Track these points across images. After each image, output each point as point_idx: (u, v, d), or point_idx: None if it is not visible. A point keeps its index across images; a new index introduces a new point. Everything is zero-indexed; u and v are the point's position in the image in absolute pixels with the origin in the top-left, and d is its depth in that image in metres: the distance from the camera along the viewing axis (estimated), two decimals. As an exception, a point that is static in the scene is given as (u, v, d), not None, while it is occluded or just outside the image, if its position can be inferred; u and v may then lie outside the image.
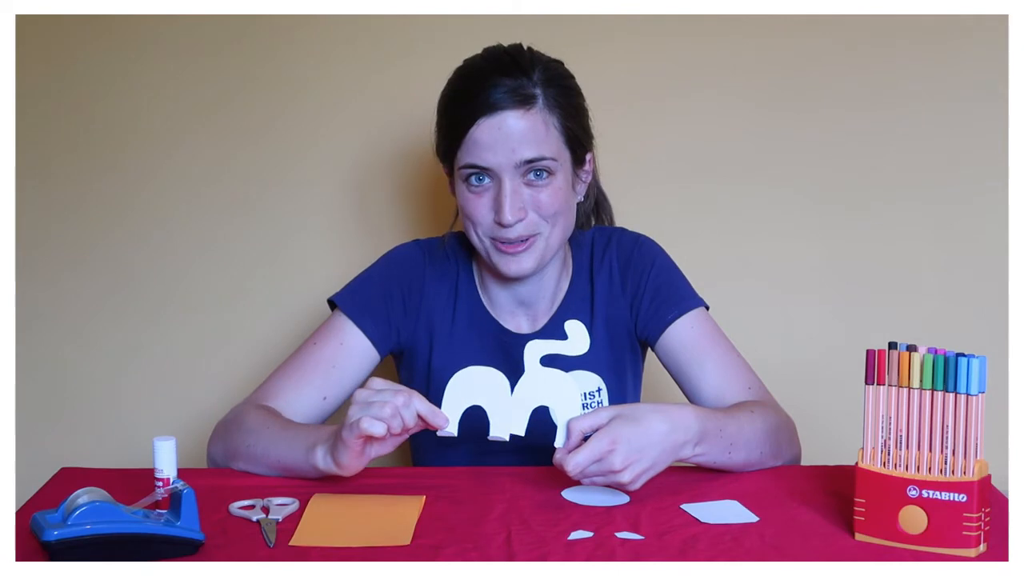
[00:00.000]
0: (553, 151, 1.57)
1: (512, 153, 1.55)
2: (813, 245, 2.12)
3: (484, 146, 1.55)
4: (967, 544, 1.22)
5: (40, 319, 2.15)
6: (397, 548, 1.26)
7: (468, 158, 1.56)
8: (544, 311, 1.69)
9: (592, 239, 1.73)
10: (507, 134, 1.54)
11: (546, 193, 1.57)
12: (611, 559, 1.23)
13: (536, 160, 1.55)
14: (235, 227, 2.15)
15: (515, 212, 1.56)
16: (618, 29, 2.05)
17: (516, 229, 1.57)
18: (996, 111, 2.00)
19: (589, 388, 1.66)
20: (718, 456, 1.47)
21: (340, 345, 1.64)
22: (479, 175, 1.57)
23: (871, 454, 1.28)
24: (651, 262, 1.70)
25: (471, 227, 1.61)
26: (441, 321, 1.68)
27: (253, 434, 1.53)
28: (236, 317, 2.16)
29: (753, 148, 2.11)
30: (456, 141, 1.57)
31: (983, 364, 1.22)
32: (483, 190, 1.58)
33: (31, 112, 2.09)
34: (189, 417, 2.15)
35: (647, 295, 1.68)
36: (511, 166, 1.55)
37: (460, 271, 1.71)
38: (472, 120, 1.55)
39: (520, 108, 1.55)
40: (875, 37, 2.07)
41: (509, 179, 1.55)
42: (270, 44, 2.11)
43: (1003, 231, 1.95)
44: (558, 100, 1.58)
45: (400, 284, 1.68)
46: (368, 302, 1.66)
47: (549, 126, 1.57)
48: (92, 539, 1.18)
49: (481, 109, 1.55)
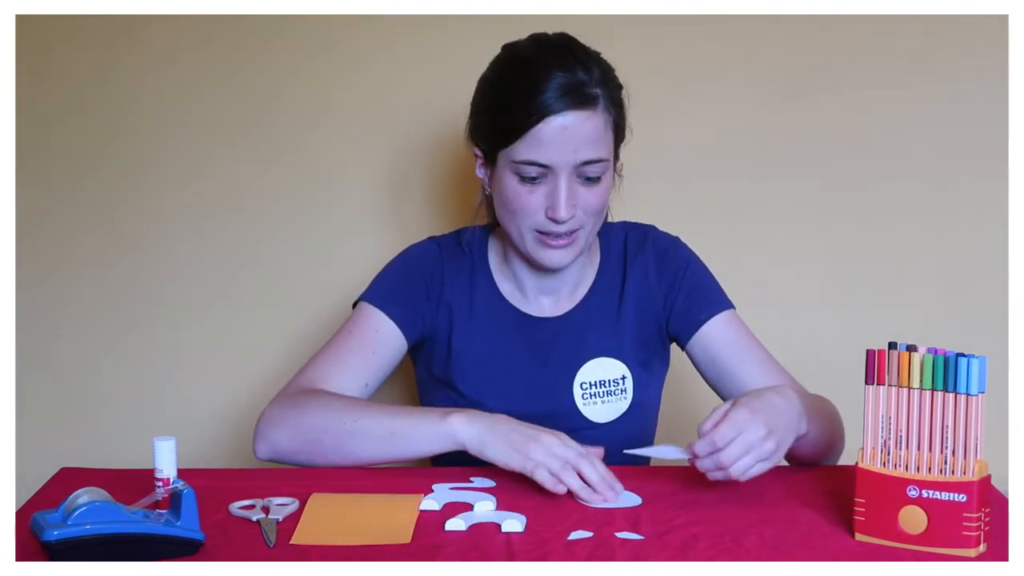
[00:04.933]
0: (607, 152, 1.59)
1: (574, 153, 1.55)
2: (813, 245, 2.12)
3: (548, 144, 1.54)
4: (967, 544, 1.22)
5: (40, 319, 2.15)
6: (397, 548, 1.26)
7: (529, 154, 1.55)
8: (566, 297, 1.71)
9: (626, 234, 1.74)
10: (572, 134, 1.54)
11: (596, 193, 1.59)
12: (611, 559, 1.23)
13: (594, 162, 1.56)
14: (235, 228, 2.15)
15: (569, 209, 1.57)
16: (617, 29, 2.04)
17: (566, 225, 1.58)
18: (996, 111, 2.00)
19: (613, 376, 1.67)
20: (818, 434, 1.51)
21: (375, 332, 1.65)
22: (533, 176, 1.57)
23: (871, 454, 1.28)
24: (687, 261, 1.73)
25: (515, 218, 1.60)
26: (459, 310, 1.69)
27: (350, 411, 1.53)
28: (237, 317, 2.16)
29: (752, 148, 2.11)
30: (514, 135, 1.56)
31: (983, 364, 1.22)
32: (536, 187, 1.58)
33: (31, 112, 2.09)
34: (189, 417, 2.16)
35: (682, 293, 1.70)
36: (571, 166, 1.56)
37: (475, 262, 1.72)
38: (538, 118, 1.54)
39: (587, 109, 1.55)
40: (875, 38, 2.07)
41: (566, 177, 1.56)
42: (272, 43, 2.11)
43: (1003, 231, 1.95)
44: (614, 99, 1.60)
45: (420, 275, 1.70)
46: (393, 293, 1.68)
47: (607, 127, 1.58)
48: (92, 539, 1.18)
49: (547, 108, 1.54)
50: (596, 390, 1.67)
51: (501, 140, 1.58)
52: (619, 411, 1.67)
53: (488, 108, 1.61)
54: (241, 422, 2.17)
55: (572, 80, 1.55)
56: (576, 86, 1.55)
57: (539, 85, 1.54)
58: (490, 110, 1.61)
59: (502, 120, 1.57)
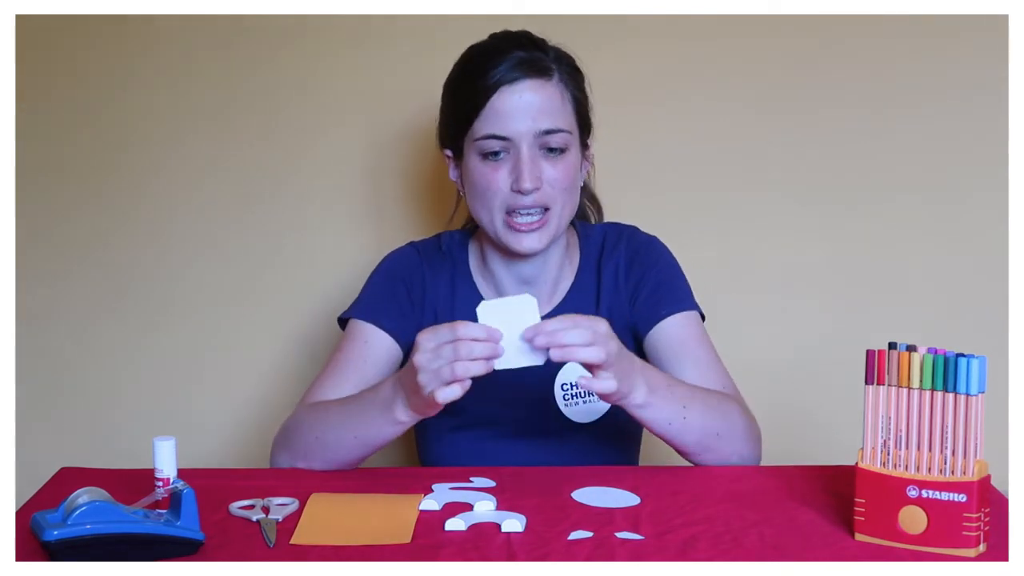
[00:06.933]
0: (568, 124, 1.61)
1: (532, 122, 1.57)
2: (813, 245, 2.12)
3: (504, 115, 1.57)
4: (967, 544, 1.22)
5: (40, 319, 2.15)
6: (397, 548, 1.26)
7: (487, 128, 1.58)
8: (546, 295, 1.70)
9: (604, 234, 1.75)
10: (528, 102, 1.57)
11: (560, 167, 1.60)
12: (611, 559, 1.23)
13: (554, 131, 1.58)
14: (235, 228, 2.15)
15: (533, 179, 1.58)
16: (616, 30, 2.04)
17: (532, 197, 1.59)
18: (996, 111, 2.00)
19: None
20: (673, 415, 1.49)
21: (364, 344, 1.65)
22: (496, 151, 1.58)
23: (871, 454, 1.28)
24: (656, 259, 1.72)
25: (484, 202, 1.62)
26: (443, 313, 1.70)
27: (317, 425, 1.54)
28: (237, 317, 2.17)
29: (752, 148, 2.11)
30: (473, 114, 1.59)
31: (983, 364, 1.22)
32: (500, 163, 1.59)
33: (31, 112, 2.09)
34: (189, 417, 2.16)
35: (646, 289, 1.69)
36: (531, 135, 1.58)
37: (456, 264, 1.73)
38: (493, 90, 1.57)
39: (540, 78, 1.59)
40: (875, 37, 2.07)
41: (527, 147, 1.58)
42: (274, 44, 2.11)
43: (1003, 231, 1.94)
44: (572, 76, 1.63)
45: (403, 281, 1.71)
46: (378, 303, 1.69)
47: (565, 99, 1.61)
48: (92, 539, 1.18)
49: (501, 78, 1.57)
50: (577, 391, 1.66)
51: (463, 123, 1.61)
52: (601, 411, 1.67)
53: (449, 99, 1.65)
54: (241, 422, 2.18)
55: (528, 56, 1.59)
56: (531, 60, 1.59)
57: (495, 62, 1.59)
58: (452, 99, 1.65)
59: (462, 104, 1.61)
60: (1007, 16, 1.83)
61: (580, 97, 1.64)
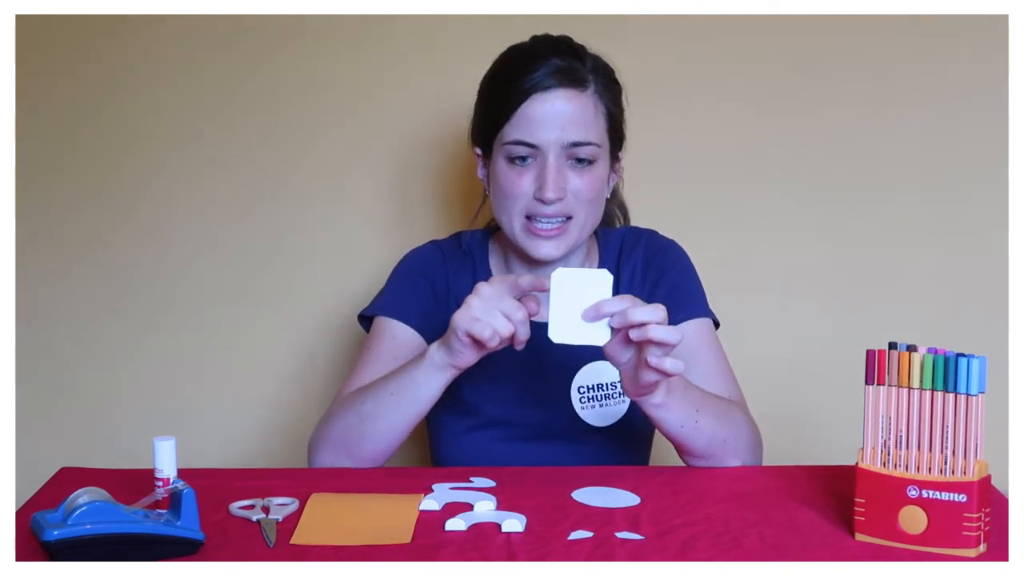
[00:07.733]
0: (598, 137, 1.59)
1: (561, 132, 1.57)
2: (813, 245, 2.12)
3: (535, 122, 1.56)
4: (967, 544, 1.22)
5: (40, 319, 2.15)
6: (397, 548, 1.26)
7: (516, 134, 1.57)
8: None
9: (623, 238, 1.75)
10: (559, 112, 1.56)
11: (587, 179, 1.59)
12: (611, 559, 1.23)
13: (582, 144, 1.57)
14: (235, 228, 2.15)
15: (557, 190, 1.57)
16: (616, 30, 2.04)
17: (555, 207, 1.58)
18: (996, 111, 2.00)
19: (610, 379, 1.66)
20: (686, 418, 1.49)
21: (393, 339, 1.65)
22: (523, 156, 1.58)
23: (871, 454, 1.28)
24: (673, 263, 1.72)
25: (507, 205, 1.61)
26: None
27: (356, 404, 1.53)
28: (237, 317, 2.16)
29: (752, 148, 2.11)
30: (504, 117, 1.58)
31: (983, 364, 1.22)
32: (526, 169, 1.59)
33: (31, 112, 2.09)
34: (189, 417, 2.16)
35: (661, 292, 1.69)
36: (558, 145, 1.57)
37: (477, 263, 1.73)
38: (525, 96, 1.56)
39: (574, 89, 1.58)
40: (875, 37, 2.07)
41: (554, 157, 1.57)
42: (274, 44, 2.11)
43: (1003, 231, 1.94)
44: (608, 88, 1.61)
45: (426, 278, 1.71)
46: (403, 300, 1.69)
47: (598, 112, 1.60)
48: (92, 539, 1.18)
49: (535, 85, 1.56)
50: (593, 394, 1.66)
51: (495, 125, 1.60)
52: (617, 414, 1.67)
53: (484, 98, 1.64)
54: (241, 422, 2.18)
55: (564, 65, 1.58)
56: (567, 69, 1.58)
57: (532, 68, 1.58)
58: (486, 99, 1.64)
59: (495, 106, 1.60)
60: (1007, 16, 1.83)
61: (614, 110, 1.63)
